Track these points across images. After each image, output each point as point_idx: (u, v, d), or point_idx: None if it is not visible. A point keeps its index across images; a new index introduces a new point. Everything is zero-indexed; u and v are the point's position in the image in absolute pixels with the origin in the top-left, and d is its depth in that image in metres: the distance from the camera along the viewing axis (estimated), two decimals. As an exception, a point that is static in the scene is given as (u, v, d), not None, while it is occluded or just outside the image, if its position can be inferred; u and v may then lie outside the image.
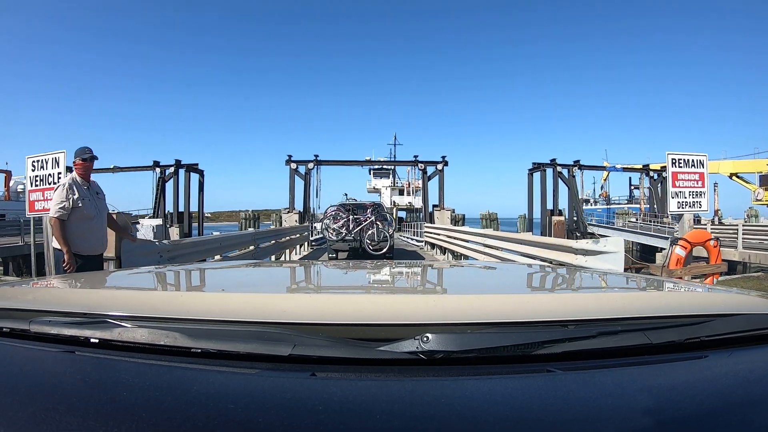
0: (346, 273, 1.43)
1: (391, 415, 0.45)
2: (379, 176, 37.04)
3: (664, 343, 0.62)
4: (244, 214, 32.76)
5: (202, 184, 27.64)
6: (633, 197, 34.72)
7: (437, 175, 22.56)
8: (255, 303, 0.70)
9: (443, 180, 22.26)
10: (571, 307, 0.70)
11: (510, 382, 0.53)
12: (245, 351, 0.58)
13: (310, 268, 1.51)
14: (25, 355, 0.61)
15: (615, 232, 24.07)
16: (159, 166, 26.03)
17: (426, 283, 1.25)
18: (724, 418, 0.46)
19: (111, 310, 0.68)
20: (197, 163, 26.34)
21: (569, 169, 26.01)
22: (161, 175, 26.53)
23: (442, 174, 22.31)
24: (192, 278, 1.25)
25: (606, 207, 32.35)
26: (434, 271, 1.48)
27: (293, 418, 0.43)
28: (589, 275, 1.35)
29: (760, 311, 0.74)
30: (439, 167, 22.33)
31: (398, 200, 34.86)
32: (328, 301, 0.73)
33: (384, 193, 35.70)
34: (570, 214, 26.95)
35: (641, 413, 0.46)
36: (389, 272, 1.38)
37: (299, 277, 1.31)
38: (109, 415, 0.43)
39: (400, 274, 1.40)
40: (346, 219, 9.20)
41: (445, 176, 22.43)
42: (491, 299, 0.75)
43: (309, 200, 22.24)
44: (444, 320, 0.63)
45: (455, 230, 10.40)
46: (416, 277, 1.34)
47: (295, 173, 21.76)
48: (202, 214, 27.73)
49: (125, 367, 0.56)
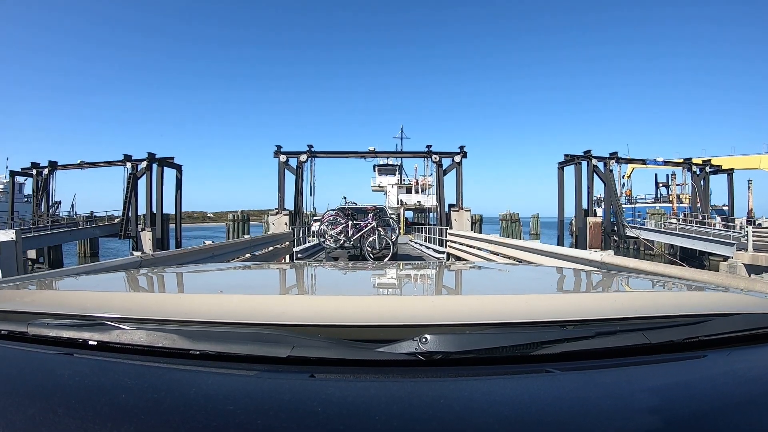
0: (345, 274, 1.43)
1: (390, 416, 0.47)
2: (385, 173, 34.64)
3: (663, 343, 0.64)
4: (232, 215, 28.88)
5: (179, 180, 23.43)
6: (660, 195, 33.43)
7: (453, 170, 18.16)
8: (253, 304, 0.73)
9: (461, 175, 18.10)
10: (570, 308, 0.72)
11: (509, 382, 0.55)
12: (244, 352, 0.60)
13: (308, 270, 1.54)
14: (23, 358, 0.63)
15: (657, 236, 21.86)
16: (130, 160, 23.20)
17: (424, 284, 1.26)
18: (722, 418, 0.48)
19: (109, 312, 0.70)
20: (173, 157, 21.95)
21: (606, 162, 23.15)
22: (132, 171, 23.53)
23: (460, 168, 18.27)
24: (190, 280, 1.26)
25: (630, 206, 28.35)
26: (432, 272, 1.51)
27: (292, 420, 0.45)
28: (587, 275, 1.38)
29: (758, 311, 0.76)
30: (457, 159, 18.12)
31: (406, 199, 32.88)
32: (326, 303, 0.75)
33: (390, 192, 33.63)
34: (607, 214, 23.87)
35: (640, 413, 0.48)
36: (387, 273, 1.41)
37: (298, 278, 1.33)
38: (107, 418, 0.45)
39: (399, 274, 1.39)
40: (345, 224, 8.71)
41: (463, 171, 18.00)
42: (489, 300, 0.77)
43: (301, 199, 18.00)
44: (442, 321, 0.66)
45: (513, 245, 6.32)
46: (414, 278, 1.35)
47: (285, 167, 17.56)
48: (179, 216, 23.42)
49: (123, 370, 0.58)
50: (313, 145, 19.71)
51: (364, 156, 20.58)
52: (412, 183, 34.16)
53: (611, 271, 2.15)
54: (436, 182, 19.95)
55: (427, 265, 2.19)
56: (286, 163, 19.49)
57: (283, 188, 19.26)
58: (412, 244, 17.76)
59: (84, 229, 23.16)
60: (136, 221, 23.11)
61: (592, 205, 22.96)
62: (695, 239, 18.43)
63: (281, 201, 19.09)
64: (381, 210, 9.54)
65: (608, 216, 23.66)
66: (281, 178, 19.30)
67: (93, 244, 28.10)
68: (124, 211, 23.50)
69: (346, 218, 8.86)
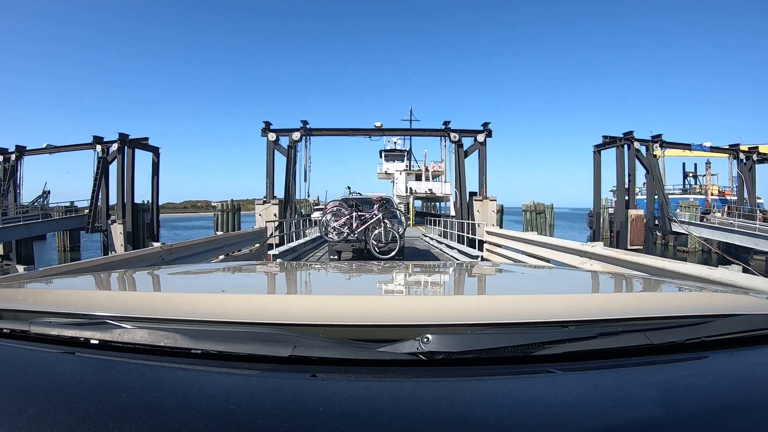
0: (346, 274, 1.43)
1: (392, 415, 0.48)
2: (392, 158, 31.73)
3: (665, 344, 0.66)
4: (221, 204, 25.48)
5: (156, 165, 19.94)
6: (689, 186, 31.06)
7: (476, 151, 14.64)
8: (255, 304, 0.75)
9: (485, 157, 14.57)
10: (572, 308, 0.74)
11: (510, 382, 0.57)
12: (245, 352, 0.62)
13: (310, 269, 1.59)
14: (25, 356, 0.66)
15: (711, 232, 18.76)
16: (101, 142, 19.91)
17: (426, 283, 1.27)
18: (724, 419, 0.50)
19: (111, 311, 0.72)
20: (147, 138, 18.43)
21: (648, 146, 19.81)
22: (103, 155, 20.07)
23: (484, 149, 14.76)
24: (192, 279, 1.27)
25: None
26: (434, 271, 1.56)
27: (294, 419, 0.47)
28: (589, 275, 1.40)
29: (761, 312, 0.77)
30: (480, 139, 14.59)
31: (415, 186, 30.22)
32: (328, 302, 0.77)
33: (398, 179, 30.73)
34: (649, 206, 20.47)
35: (642, 414, 0.50)
36: (389, 273, 1.41)
37: (299, 277, 1.34)
38: (109, 417, 0.47)
39: (400, 274, 1.38)
40: (349, 216, 8.10)
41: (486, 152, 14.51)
42: (491, 300, 0.80)
43: (293, 185, 14.66)
44: (444, 321, 0.67)
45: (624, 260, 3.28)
46: (416, 277, 1.36)
47: (275, 147, 14.15)
48: (157, 205, 19.93)
49: (125, 369, 0.61)
50: (308, 121, 16.33)
51: (368, 134, 17.46)
52: (422, 169, 31.69)
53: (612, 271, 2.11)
54: (456, 166, 17.16)
55: (429, 265, 2.18)
56: (277, 143, 16.18)
57: (272, 173, 16.47)
58: (426, 240, 14.38)
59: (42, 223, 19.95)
60: (107, 212, 19.74)
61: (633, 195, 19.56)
62: (748, 236, 16.21)
63: (270, 188, 16.22)
64: (387, 201, 9.18)
65: (650, 208, 20.13)
66: (270, 160, 16.56)
67: (73, 237, 25.22)
68: (93, 200, 20.17)
69: (350, 209, 8.42)
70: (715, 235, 19.46)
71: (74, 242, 25.71)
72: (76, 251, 25.02)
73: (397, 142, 31.07)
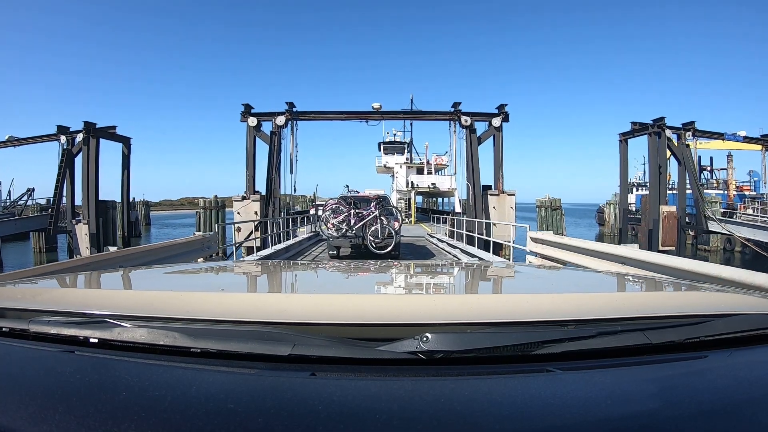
0: (346, 273, 1.41)
1: (391, 414, 0.49)
2: (392, 151, 29.69)
3: (664, 343, 0.68)
4: (204, 201, 23.05)
5: (127, 157, 17.40)
6: (705, 180, 28.89)
7: (490, 139, 12.23)
8: (254, 303, 0.76)
9: (501, 145, 12.13)
10: (571, 307, 0.75)
11: (509, 381, 0.59)
12: (245, 351, 0.64)
13: (309, 268, 1.59)
14: (25, 355, 0.67)
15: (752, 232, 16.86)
16: (66, 133, 17.55)
17: (425, 282, 1.24)
18: (723, 418, 0.51)
19: (110, 309, 0.74)
20: (115, 126, 15.94)
21: (680, 134, 17.33)
22: (68, 146, 17.58)
23: (500, 135, 12.16)
24: (192, 278, 1.25)
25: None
26: (434, 270, 1.54)
27: (293, 418, 0.47)
28: (588, 275, 1.40)
29: (760, 311, 0.78)
30: (496, 123, 12.12)
31: (417, 180, 27.91)
32: (327, 301, 0.78)
33: (398, 173, 28.75)
34: (681, 202, 17.88)
35: (641, 413, 0.51)
36: (388, 272, 1.40)
37: (298, 276, 1.32)
38: (108, 415, 0.48)
39: (400, 273, 1.36)
40: (348, 213, 8.46)
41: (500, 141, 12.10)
42: (490, 299, 0.80)
43: (277, 178, 12.26)
44: (443, 320, 0.69)
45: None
46: (416, 276, 1.33)
47: (256, 134, 11.76)
48: (127, 202, 17.47)
49: (125, 367, 0.62)
50: (294, 104, 13.89)
51: (365, 118, 15.06)
52: (424, 162, 30.03)
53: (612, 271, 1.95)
54: (468, 154, 14.86)
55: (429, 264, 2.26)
56: (258, 129, 13.81)
57: (253, 164, 14.68)
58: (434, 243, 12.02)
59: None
60: (73, 210, 17.31)
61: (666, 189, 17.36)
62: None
63: (251, 181, 14.02)
64: (384, 199, 9.42)
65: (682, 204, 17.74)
66: (251, 150, 14.35)
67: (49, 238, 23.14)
68: (56, 197, 17.75)
69: (349, 207, 8.62)
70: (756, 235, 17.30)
71: (51, 243, 24.67)
72: (53, 252, 23.78)
73: (397, 133, 29.69)
